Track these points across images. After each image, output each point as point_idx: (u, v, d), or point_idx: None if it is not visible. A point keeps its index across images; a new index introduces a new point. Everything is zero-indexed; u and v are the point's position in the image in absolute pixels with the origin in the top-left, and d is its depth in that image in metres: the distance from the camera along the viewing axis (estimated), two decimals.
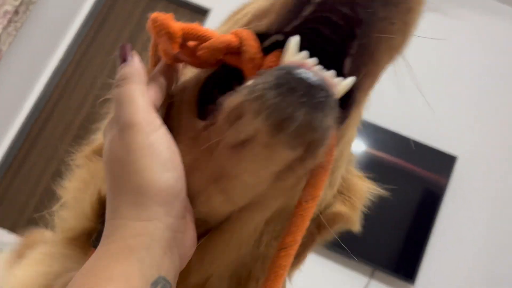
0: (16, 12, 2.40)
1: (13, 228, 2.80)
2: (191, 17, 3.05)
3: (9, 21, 2.38)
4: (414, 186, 2.66)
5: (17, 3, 2.34)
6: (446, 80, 2.84)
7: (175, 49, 0.38)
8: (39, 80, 2.96)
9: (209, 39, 0.37)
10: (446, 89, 2.80)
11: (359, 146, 2.67)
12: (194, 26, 0.39)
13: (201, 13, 3.11)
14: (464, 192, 2.65)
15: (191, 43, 0.38)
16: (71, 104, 3.02)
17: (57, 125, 2.99)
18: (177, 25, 0.38)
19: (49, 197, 2.12)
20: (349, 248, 2.46)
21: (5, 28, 2.36)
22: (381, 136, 2.69)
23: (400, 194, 2.62)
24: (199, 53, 0.38)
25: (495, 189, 2.65)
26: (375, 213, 2.27)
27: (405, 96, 2.73)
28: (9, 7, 2.32)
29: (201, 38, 0.38)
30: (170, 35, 0.38)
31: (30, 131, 2.98)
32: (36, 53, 2.85)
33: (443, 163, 2.64)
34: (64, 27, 3.01)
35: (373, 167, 2.62)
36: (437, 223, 2.60)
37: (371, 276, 2.56)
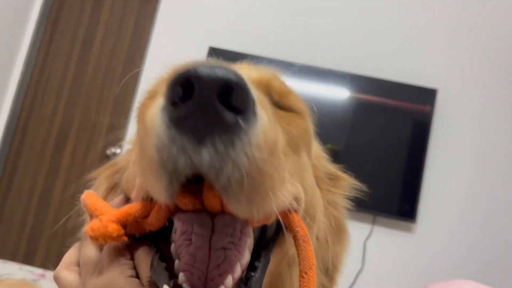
0: None
1: (13, 255, 2.82)
2: (140, 5, 2.94)
3: None
4: (402, 120, 2.66)
5: None
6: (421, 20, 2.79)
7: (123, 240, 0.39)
8: (4, 101, 2.88)
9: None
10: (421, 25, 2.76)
11: (343, 94, 2.66)
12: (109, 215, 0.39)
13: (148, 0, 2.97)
14: (449, 122, 2.67)
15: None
16: (43, 115, 2.95)
17: (34, 139, 2.93)
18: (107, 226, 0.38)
19: (43, 215, 2.09)
20: (349, 201, 2.47)
21: None
22: (363, 83, 2.68)
23: (389, 132, 2.64)
24: (128, 231, 0.39)
25: (476, 119, 2.66)
26: (370, 157, 2.27)
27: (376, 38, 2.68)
28: None
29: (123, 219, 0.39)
30: (111, 238, 0.38)
31: (9, 151, 2.93)
32: None
33: (426, 97, 2.64)
34: (17, 37, 2.89)
35: (360, 110, 2.64)
36: (429, 158, 2.63)
37: (373, 222, 2.61)
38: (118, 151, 2.84)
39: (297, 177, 0.44)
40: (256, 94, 0.31)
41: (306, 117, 0.51)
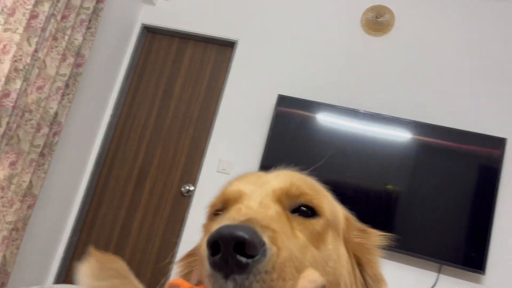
0: (67, 85, 2.66)
1: None
2: (220, 51, 3.22)
3: (63, 95, 2.65)
4: (468, 166, 2.63)
5: (66, 78, 2.60)
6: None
7: None
8: (97, 137, 3.25)
9: None
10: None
11: (406, 136, 2.70)
12: None
13: (229, 45, 3.26)
14: None
15: None
16: (127, 153, 3.27)
17: (119, 175, 3.26)
18: None
19: (124, 243, 2.37)
20: (412, 246, 2.54)
21: (60, 102, 2.63)
22: (428, 130, 2.71)
23: (455, 176, 2.61)
24: None
25: None
26: (435, 201, 2.33)
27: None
28: (60, 83, 2.58)
29: None
30: None
31: (97, 185, 3.26)
32: (90, 115, 3.13)
33: (494, 146, 2.61)
34: (110, 85, 3.27)
35: (423, 152, 2.66)
36: (498, 205, 2.57)
37: (439, 271, 2.58)
38: (191, 188, 3.07)
39: (322, 266, 0.55)
40: (268, 232, 0.47)
41: (324, 211, 0.61)
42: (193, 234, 2.96)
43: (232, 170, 2.99)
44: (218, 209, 0.64)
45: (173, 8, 3.39)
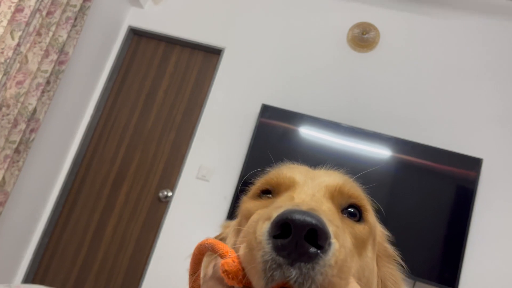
0: (47, 82, 2.60)
1: (63, 285, 3.00)
2: (206, 58, 3.22)
3: (43, 91, 2.59)
4: (445, 186, 2.67)
5: (47, 74, 2.55)
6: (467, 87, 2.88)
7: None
8: (75, 138, 3.18)
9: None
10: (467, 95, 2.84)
11: (386, 153, 2.73)
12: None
13: (215, 53, 3.26)
14: (494, 191, 2.67)
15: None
16: (106, 156, 3.22)
17: (95, 177, 3.19)
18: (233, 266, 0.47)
19: (96, 247, 2.31)
20: None
21: (39, 98, 2.57)
22: (408, 147, 2.75)
23: (431, 195, 2.65)
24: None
25: None
26: (411, 218, 2.35)
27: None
28: (40, 79, 2.53)
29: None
30: (239, 280, 0.46)
31: (72, 186, 3.19)
32: (69, 115, 3.07)
33: (470, 166, 2.66)
34: (92, 85, 3.23)
35: (402, 170, 2.69)
36: (472, 225, 2.62)
37: (413, 287, 2.60)
38: (169, 194, 3.03)
39: (360, 273, 0.55)
40: (332, 226, 0.45)
41: (369, 218, 0.61)
42: (168, 241, 2.91)
43: (211, 177, 2.96)
44: (264, 190, 0.62)
45: (161, 12, 3.38)
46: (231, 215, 2.79)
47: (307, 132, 2.87)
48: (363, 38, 3.01)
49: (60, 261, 3.06)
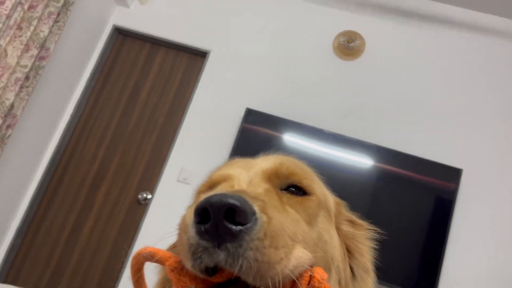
0: (27, 77, 2.54)
1: (36, 287, 2.91)
2: (191, 60, 3.19)
3: (21, 87, 2.53)
4: (425, 196, 2.69)
5: (27, 69, 2.49)
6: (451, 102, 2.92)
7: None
8: (53, 136, 3.11)
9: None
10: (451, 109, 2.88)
11: (368, 163, 2.74)
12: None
13: (201, 55, 3.24)
14: (473, 201, 2.70)
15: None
16: (85, 155, 3.15)
17: (73, 177, 3.12)
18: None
19: (71, 249, 2.24)
20: None
21: (17, 94, 2.51)
22: (389, 156, 2.76)
23: (412, 204, 2.67)
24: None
25: (500, 200, 2.69)
26: (389, 232, 2.33)
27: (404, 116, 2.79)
28: (19, 74, 2.47)
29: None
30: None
31: (49, 185, 3.11)
32: (49, 112, 3.00)
33: (450, 175, 2.69)
34: (73, 83, 3.16)
35: (383, 180, 2.70)
36: (451, 235, 2.64)
37: None
38: (149, 196, 2.98)
39: (313, 242, 0.54)
40: (257, 202, 0.45)
41: (315, 190, 0.61)
42: (146, 245, 2.85)
43: (193, 180, 2.92)
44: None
45: (147, 13, 3.34)
46: None
47: (290, 139, 2.86)
48: (348, 46, 3.03)
49: (33, 262, 2.97)
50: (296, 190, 0.60)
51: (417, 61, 3.02)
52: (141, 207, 2.99)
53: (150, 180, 3.04)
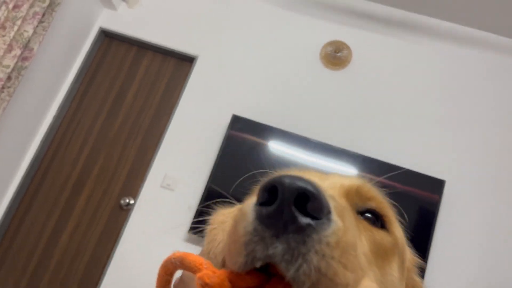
0: (8, 78, 2.49)
1: None
2: (178, 65, 3.17)
3: (2, 87, 2.47)
4: (409, 205, 2.70)
5: (9, 70, 2.44)
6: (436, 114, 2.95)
7: None
8: (35, 138, 3.04)
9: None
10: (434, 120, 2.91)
11: (353, 172, 2.74)
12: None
13: (188, 60, 3.22)
14: (455, 212, 2.72)
15: None
16: (67, 159, 3.09)
17: (54, 180, 3.05)
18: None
19: (50, 254, 2.18)
20: None
21: None
22: (374, 166, 2.77)
23: (396, 214, 2.67)
24: None
25: (481, 211, 2.72)
26: None
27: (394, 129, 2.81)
28: (1, 74, 2.41)
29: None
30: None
31: (29, 188, 3.04)
32: (30, 113, 2.94)
33: (433, 186, 2.71)
34: (57, 85, 3.11)
35: None
36: (434, 245, 2.65)
37: None
38: (131, 201, 2.93)
39: (381, 286, 0.45)
40: (334, 203, 0.37)
41: (394, 230, 0.52)
42: (128, 251, 2.80)
43: (176, 186, 2.89)
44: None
45: (135, 16, 3.31)
46: (195, 226, 2.72)
47: (276, 146, 2.85)
48: (335, 56, 3.04)
49: (11, 266, 2.89)
50: (374, 218, 0.50)
51: (403, 72, 3.05)
52: (124, 212, 2.94)
53: (133, 185, 2.99)
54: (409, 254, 0.58)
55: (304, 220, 0.33)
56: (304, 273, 0.33)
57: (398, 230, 0.53)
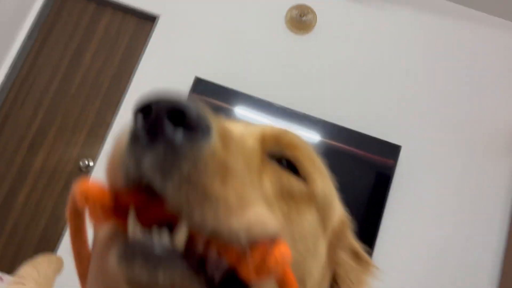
0: None
1: None
2: (139, 24, 3.06)
3: None
4: (366, 170, 2.80)
5: None
6: (393, 78, 3.03)
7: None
8: None
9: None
10: (393, 86, 2.99)
11: (314, 138, 2.80)
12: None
13: (149, 19, 3.11)
14: (409, 178, 2.85)
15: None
16: (21, 120, 2.96)
17: (7, 142, 2.93)
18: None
19: (4, 218, 2.11)
20: None
21: None
22: (334, 131, 2.84)
23: (352, 179, 2.78)
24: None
25: (433, 177, 2.87)
26: None
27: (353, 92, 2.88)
28: None
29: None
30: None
31: None
32: None
33: (390, 151, 2.81)
34: (7, 43, 2.93)
35: (328, 155, 2.78)
36: (387, 208, 2.78)
37: None
38: (91, 163, 2.87)
39: (289, 233, 0.41)
40: (218, 125, 0.35)
41: (313, 179, 0.48)
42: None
43: None
44: None
45: None
46: None
47: (238, 111, 2.85)
48: (301, 20, 3.03)
49: None
50: (290, 168, 0.46)
51: (366, 38, 3.09)
52: (82, 174, 2.88)
53: (92, 147, 2.92)
54: (340, 216, 0.54)
55: (176, 132, 0.31)
56: (174, 186, 0.31)
57: (321, 185, 0.48)
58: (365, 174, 2.80)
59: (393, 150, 2.80)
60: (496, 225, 2.80)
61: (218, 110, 2.80)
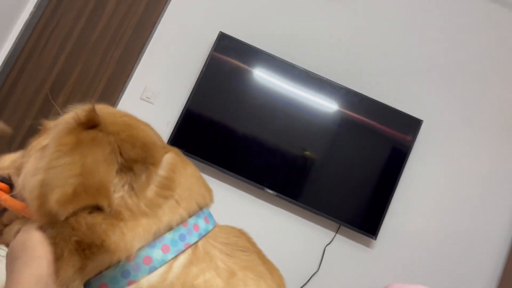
0: None
1: None
2: None
3: None
4: (383, 143, 2.78)
5: None
6: (416, 51, 2.94)
7: None
8: (8, 36, 2.89)
9: None
10: (415, 58, 2.91)
11: (333, 107, 2.76)
12: None
13: None
14: (426, 155, 2.81)
15: None
16: (42, 62, 2.96)
17: (28, 83, 2.94)
18: None
19: None
20: (318, 205, 2.63)
21: None
22: (356, 100, 2.79)
23: (368, 152, 2.75)
24: None
25: (451, 156, 2.82)
26: (345, 171, 2.41)
27: (378, 63, 2.81)
28: None
29: None
30: None
31: (1, 89, 2.92)
32: (4, 9, 2.76)
33: (410, 125, 2.77)
34: None
35: (345, 125, 2.75)
36: (401, 182, 2.76)
37: (337, 230, 2.73)
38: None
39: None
40: None
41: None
42: None
43: (156, 100, 2.85)
44: None
45: None
46: (172, 142, 2.72)
47: (259, 73, 2.80)
48: None
49: None
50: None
51: (395, 10, 2.98)
52: None
53: (112, 95, 2.93)
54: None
55: None
56: None
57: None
58: (381, 149, 2.77)
59: (414, 124, 2.75)
60: None
61: (239, 72, 2.77)
